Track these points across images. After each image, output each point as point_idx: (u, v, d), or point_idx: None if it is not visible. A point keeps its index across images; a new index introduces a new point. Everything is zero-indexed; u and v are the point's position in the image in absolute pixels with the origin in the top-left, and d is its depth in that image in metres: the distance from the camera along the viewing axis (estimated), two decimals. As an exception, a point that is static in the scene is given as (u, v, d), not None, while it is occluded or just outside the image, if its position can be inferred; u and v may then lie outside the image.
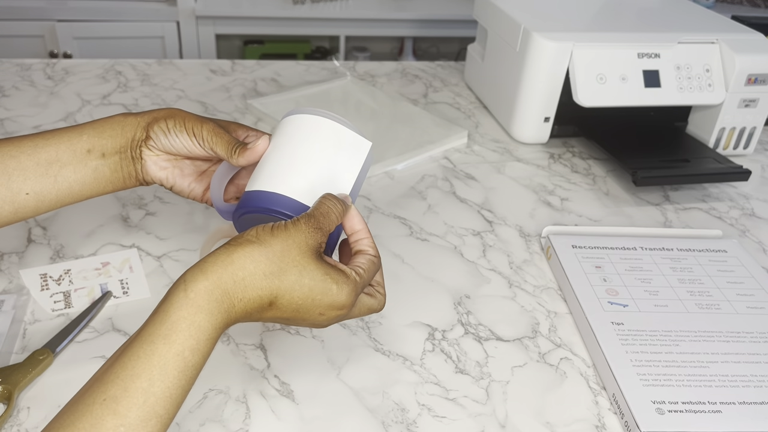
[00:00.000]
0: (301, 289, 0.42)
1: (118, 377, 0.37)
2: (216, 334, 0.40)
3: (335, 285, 0.43)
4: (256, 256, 0.41)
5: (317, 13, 2.08)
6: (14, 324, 0.59)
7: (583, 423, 0.54)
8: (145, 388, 0.36)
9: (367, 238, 0.49)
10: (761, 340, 0.60)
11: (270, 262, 0.41)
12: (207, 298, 0.39)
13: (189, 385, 0.39)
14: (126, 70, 1.13)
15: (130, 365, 0.37)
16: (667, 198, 0.87)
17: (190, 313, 0.38)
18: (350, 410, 0.54)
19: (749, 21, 1.03)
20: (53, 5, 1.95)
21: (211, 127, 0.51)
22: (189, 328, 0.38)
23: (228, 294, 0.40)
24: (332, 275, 0.43)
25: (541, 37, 0.88)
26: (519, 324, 0.64)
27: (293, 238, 0.42)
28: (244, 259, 0.41)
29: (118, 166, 0.51)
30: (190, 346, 0.38)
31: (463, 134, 0.97)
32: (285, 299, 0.42)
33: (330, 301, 0.44)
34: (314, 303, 0.43)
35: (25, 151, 0.49)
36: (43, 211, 0.51)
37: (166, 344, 0.38)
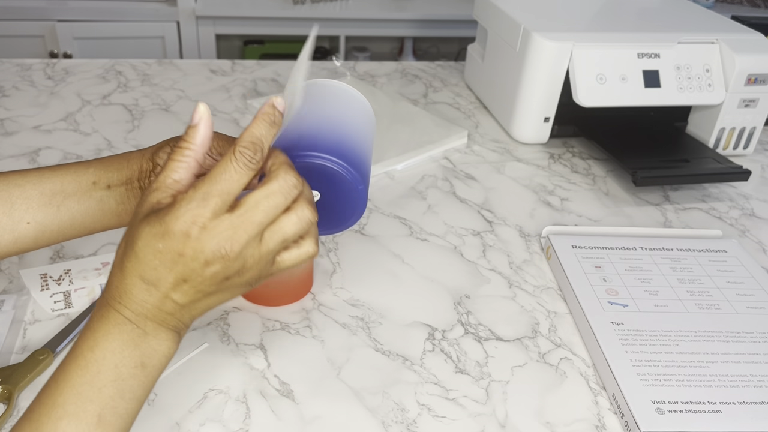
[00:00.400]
0: (144, 252, 0.38)
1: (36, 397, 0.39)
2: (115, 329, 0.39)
3: (157, 222, 0.38)
4: (114, 259, 0.41)
5: (317, 13, 2.08)
6: (14, 324, 0.59)
7: (583, 423, 0.54)
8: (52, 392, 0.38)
9: (219, 140, 0.46)
10: (761, 340, 0.60)
11: (117, 254, 0.40)
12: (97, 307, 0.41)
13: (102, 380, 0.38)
14: (126, 70, 1.13)
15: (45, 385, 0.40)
16: (667, 198, 0.87)
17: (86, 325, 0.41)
18: (350, 410, 0.54)
19: (749, 21, 1.03)
20: (53, 5, 1.95)
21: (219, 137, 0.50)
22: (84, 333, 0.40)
23: (106, 296, 0.40)
24: (151, 215, 0.38)
25: (541, 37, 0.88)
26: (519, 324, 0.64)
27: (130, 221, 0.40)
28: (112, 266, 0.41)
29: (125, 198, 0.51)
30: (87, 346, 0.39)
31: (463, 134, 0.97)
32: (148, 273, 0.38)
33: (172, 240, 0.37)
34: (165, 252, 0.38)
35: (31, 181, 0.49)
36: (44, 243, 0.50)
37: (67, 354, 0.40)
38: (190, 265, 0.38)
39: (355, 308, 0.64)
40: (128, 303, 0.40)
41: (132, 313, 0.40)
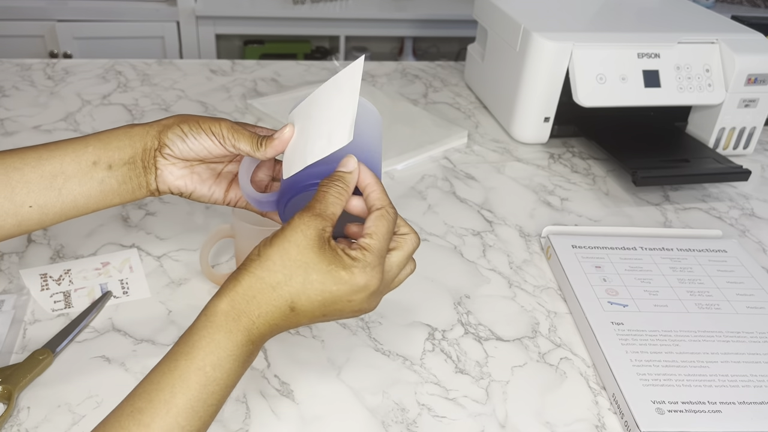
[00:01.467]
0: (312, 285, 0.42)
1: (145, 391, 0.39)
2: (239, 351, 0.41)
3: (344, 271, 0.42)
4: (258, 273, 0.42)
5: (317, 13, 2.08)
6: (14, 324, 0.59)
7: (583, 423, 0.54)
8: (168, 399, 0.38)
9: (375, 191, 0.46)
10: (761, 340, 0.60)
11: (272, 273, 0.42)
12: (224, 318, 0.41)
13: (213, 401, 0.40)
14: (126, 70, 1.13)
15: (155, 380, 0.39)
16: (667, 198, 0.87)
17: (210, 332, 0.40)
18: (350, 410, 0.54)
19: (749, 21, 1.03)
20: (53, 5, 1.95)
21: (230, 124, 0.50)
22: (209, 345, 0.40)
23: (244, 312, 0.41)
24: (337, 263, 0.42)
25: (541, 37, 0.88)
26: (519, 324, 0.64)
27: (289, 239, 0.42)
28: (249, 278, 0.42)
29: (127, 177, 0.50)
30: (211, 362, 0.40)
31: (463, 134, 0.97)
32: (303, 301, 0.42)
33: (348, 288, 0.42)
34: (334, 295, 0.42)
35: (29, 164, 0.48)
36: (48, 224, 0.50)
37: (188, 360, 0.40)
38: (343, 308, 0.43)
39: (355, 308, 0.64)
40: (261, 324, 0.42)
41: (258, 332, 0.42)
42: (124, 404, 0.39)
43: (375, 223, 0.44)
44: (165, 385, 0.39)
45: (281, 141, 0.49)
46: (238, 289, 0.42)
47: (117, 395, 0.53)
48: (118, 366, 0.56)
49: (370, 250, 0.43)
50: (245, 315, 0.41)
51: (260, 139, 0.50)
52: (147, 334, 0.59)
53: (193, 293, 0.64)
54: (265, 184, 0.56)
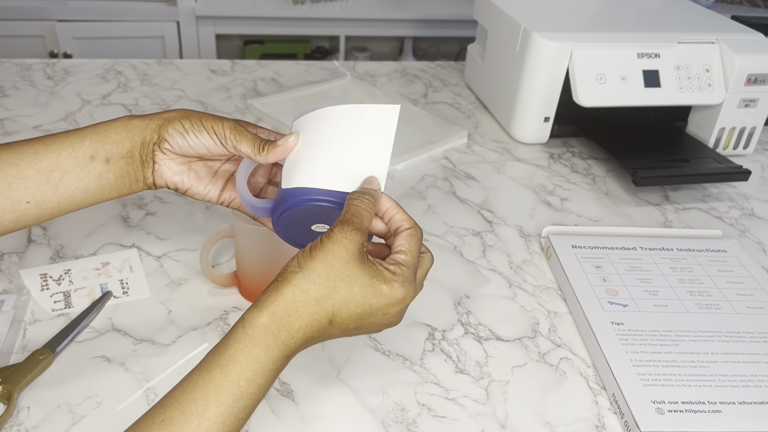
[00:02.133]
0: (354, 299, 0.43)
1: (177, 401, 0.39)
2: (273, 366, 0.41)
3: (385, 285, 0.43)
4: (303, 285, 0.42)
5: (317, 13, 2.08)
6: (14, 324, 0.59)
7: (583, 423, 0.54)
8: (200, 412, 0.38)
9: (399, 212, 0.47)
10: (761, 340, 0.60)
11: (317, 285, 0.42)
12: (264, 333, 0.41)
13: (244, 414, 0.40)
14: (126, 70, 1.13)
15: (188, 390, 0.39)
16: (667, 198, 0.87)
17: (247, 346, 0.40)
18: (350, 410, 0.54)
19: (749, 21, 1.03)
20: (53, 5, 1.95)
21: (232, 125, 0.50)
22: (245, 359, 0.40)
23: (284, 326, 0.41)
24: (379, 277, 0.43)
25: (541, 37, 0.88)
26: (519, 324, 0.64)
27: (332, 252, 0.42)
28: (292, 291, 0.42)
29: (124, 172, 0.50)
30: (245, 376, 0.40)
31: (463, 134, 0.97)
32: (343, 314, 0.43)
33: (387, 302, 0.43)
34: (372, 308, 0.43)
35: (25, 159, 0.48)
36: (45, 219, 0.50)
37: (223, 373, 0.39)
38: (376, 321, 0.44)
39: (355, 308, 0.64)
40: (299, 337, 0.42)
41: (295, 346, 0.42)
42: (155, 412, 0.38)
43: (408, 240, 0.46)
44: (198, 397, 0.38)
45: (284, 149, 0.49)
46: (280, 302, 0.41)
47: (117, 395, 0.53)
48: (118, 366, 0.56)
49: (407, 266, 0.44)
50: (285, 329, 0.41)
51: (262, 144, 0.49)
52: (147, 334, 0.59)
53: (193, 293, 0.64)
54: (261, 187, 0.55)
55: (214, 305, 0.63)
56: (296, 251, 0.45)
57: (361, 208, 0.45)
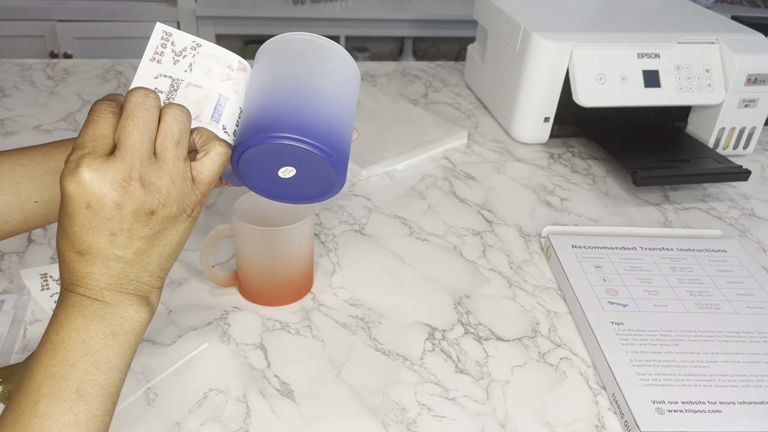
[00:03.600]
0: (65, 223, 0.39)
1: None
2: (75, 308, 0.40)
3: (62, 192, 0.38)
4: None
5: (317, 13, 2.08)
6: (14, 324, 0.59)
7: (583, 423, 0.54)
8: (27, 378, 0.38)
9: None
10: (761, 340, 0.60)
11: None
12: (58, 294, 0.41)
13: (73, 358, 0.38)
14: (126, 70, 1.13)
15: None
16: (666, 198, 0.87)
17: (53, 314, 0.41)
18: (350, 410, 0.54)
19: (749, 21, 1.03)
20: (53, 5, 1.95)
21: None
22: (49, 321, 0.40)
23: (59, 278, 0.41)
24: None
25: (541, 37, 0.88)
26: (519, 324, 0.64)
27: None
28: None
29: None
30: (53, 330, 0.39)
31: (463, 134, 0.97)
32: (61, 240, 0.40)
33: (70, 197, 0.38)
34: (74, 215, 0.38)
35: (35, 160, 0.49)
36: (53, 219, 0.50)
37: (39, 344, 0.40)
38: (103, 215, 0.38)
39: (355, 308, 0.64)
40: (77, 280, 0.40)
41: (84, 288, 0.40)
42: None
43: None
44: (25, 371, 0.39)
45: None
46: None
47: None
48: (118, 366, 0.56)
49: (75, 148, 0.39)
50: (61, 279, 0.41)
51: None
52: (147, 334, 0.59)
53: (193, 293, 0.64)
54: None
55: (214, 305, 0.63)
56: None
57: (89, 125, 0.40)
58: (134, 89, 0.40)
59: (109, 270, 0.40)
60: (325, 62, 0.48)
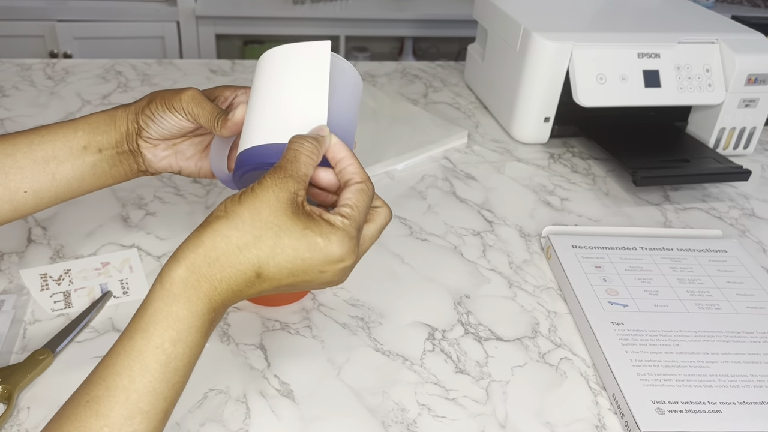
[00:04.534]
0: (284, 251, 0.38)
1: (100, 377, 0.36)
2: (199, 321, 0.37)
3: (320, 238, 0.39)
4: (225, 231, 0.38)
5: (317, 13, 2.08)
6: (14, 324, 0.59)
7: (583, 423, 0.54)
8: (126, 385, 0.35)
9: (351, 164, 0.43)
10: (761, 340, 0.60)
11: (241, 233, 0.38)
12: (182, 287, 0.37)
13: (177, 378, 0.37)
14: (126, 70, 1.13)
15: (110, 363, 0.36)
16: (667, 198, 0.87)
17: (166, 304, 0.37)
18: (350, 410, 0.54)
19: (749, 21, 1.03)
20: (53, 5, 1.95)
21: (190, 97, 0.48)
22: (167, 319, 0.36)
23: (205, 277, 0.38)
24: (314, 228, 0.39)
25: (541, 37, 0.88)
26: (519, 324, 0.64)
27: (260, 199, 0.38)
28: (213, 237, 0.38)
29: (117, 161, 0.51)
30: (170, 337, 0.36)
31: (463, 134, 0.97)
32: (271, 267, 0.38)
33: (322, 257, 0.39)
34: (305, 264, 0.39)
35: (21, 149, 0.48)
36: (43, 207, 0.50)
37: (144, 338, 0.36)
38: (312, 279, 0.40)
39: (355, 308, 0.64)
40: (223, 289, 0.38)
41: (220, 299, 0.38)
42: (80, 393, 0.36)
43: (356, 195, 0.42)
44: (121, 369, 0.35)
45: (234, 123, 0.47)
46: (199, 250, 0.37)
47: (117, 395, 0.53)
48: (118, 366, 0.56)
49: (350, 220, 0.40)
50: (206, 280, 0.37)
51: (218, 117, 0.48)
52: (147, 334, 0.59)
53: (193, 293, 0.64)
54: None
55: (214, 305, 0.63)
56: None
57: (300, 153, 0.41)
58: (389, 214, 0.46)
59: (249, 295, 0.40)
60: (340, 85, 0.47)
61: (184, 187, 0.81)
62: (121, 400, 0.35)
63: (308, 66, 0.45)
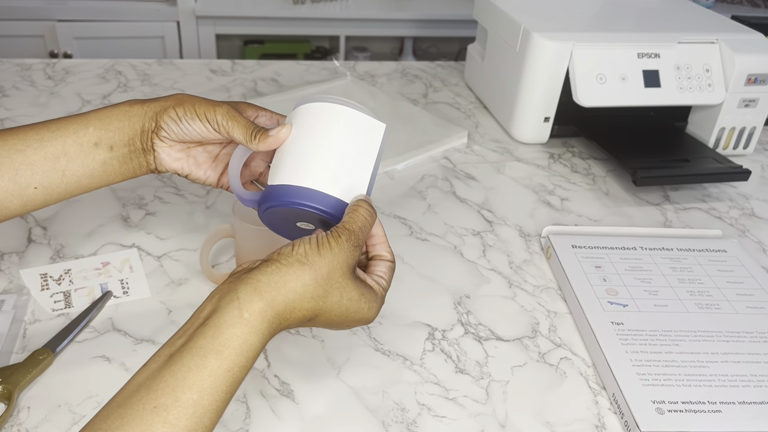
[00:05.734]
0: (339, 308, 0.44)
1: (168, 386, 0.37)
2: (262, 350, 0.41)
3: (367, 304, 0.45)
4: (306, 280, 0.42)
5: (317, 13, 2.08)
6: (14, 324, 0.59)
7: (583, 423, 0.54)
8: (196, 400, 0.37)
9: (383, 242, 0.49)
10: (761, 340, 0.60)
11: (317, 285, 0.42)
12: (261, 319, 0.40)
13: (231, 398, 0.40)
14: (126, 70, 1.13)
15: (181, 376, 0.38)
16: (667, 198, 0.87)
17: (244, 333, 0.39)
18: (350, 410, 0.54)
19: (749, 21, 1.03)
20: (53, 5, 1.95)
21: (225, 111, 0.49)
22: (241, 347, 0.39)
23: (279, 315, 0.41)
24: (366, 295, 0.45)
25: (541, 37, 0.88)
26: (519, 324, 0.64)
27: (338, 259, 0.43)
28: (295, 281, 0.42)
29: (128, 158, 0.50)
30: (240, 364, 0.39)
31: (463, 134, 0.97)
32: (324, 316, 0.44)
33: (360, 317, 0.45)
34: (347, 319, 0.45)
35: (31, 145, 0.48)
36: (52, 202, 0.50)
37: (218, 360, 0.38)
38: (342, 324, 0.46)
39: (355, 308, 0.64)
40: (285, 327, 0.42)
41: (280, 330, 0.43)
42: (145, 398, 0.37)
43: (388, 273, 0.49)
44: (193, 384, 0.37)
45: (276, 140, 0.49)
46: (281, 291, 0.41)
47: (117, 395, 0.53)
48: (118, 366, 0.56)
49: (384, 290, 0.48)
50: (280, 318, 0.41)
51: (254, 132, 0.49)
52: (147, 334, 0.59)
53: (193, 293, 0.64)
54: (260, 172, 0.55)
55: (214, 305, 0.63)
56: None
57: (367, 221, 0.46)
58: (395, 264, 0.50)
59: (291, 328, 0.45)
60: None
61: (184, 187, 0.81)
62: (190, 413, 0.37)
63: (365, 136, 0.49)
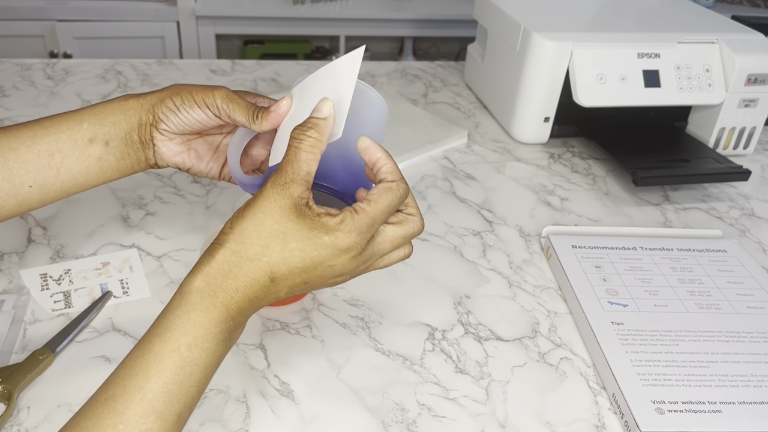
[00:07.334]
0: (291, 254, 0.40)
1: (118, 376, 0.38)
2: (216, 329, 0.39)
3: (326, 236, 0.40)
4: (233, 247, 0.40)
5: (317, 13, 2.08)
6: (14, 324, 0.59)
7: (583, 423, 0.54)
8: (142, 385, 0.37)
9: (386, 164, 0.44)
10: (761, 340, 0.60)
11: (248, 245, 0.40)
12: (199, 296, 0.39)
13: (192, 382, 0.38)
14: (126, 70, 1.13)
15: (129, 364, 0.38)
16: (667, 198, 0.87)
17: (184, 311, 0.39)
18: (350, 410, 0.54)
19: (749, 21, 1.03)
20: (53, 5, 1.95)
21: (224, 93, 0.49)
22: (183, 325, 0.39)
23: (221, 288, 0.40)
24: (319, 228, 0.40)
25: (541, 37, 0.88)
26: (519, 324, 0.64)
27: (262, 210, 0.40)
28: (224, 252, 0.40)
29: (125, 153, 0.49)
30: (186, 342, 0.38)
31: (463, 134, 0.97)
32: (282, 270, 0.40)
33: (330, 252, 0.40)
34: (314, 261, 0.41)
35: (24, 142, 0.47)
36: (49, 201, 0.49)
37: (161, 342, 0.38)
38: (323, 273, 0.41)
39: (355, 308, 0.64)
40: (239, 298, 0.40)
41: (237, 307, 0.40)
42: (99, 392, 0.38)
43: (379, 192, 0.42)
44: (138, 370, 0.37)
45: (278, 114, 0.47)
46: (213, 264, 0.40)
47: (117, 395, 0.53)
48: (118, 366, 0.56)
49: (361, 213, 0.41)
50: (222, 290, 0.40)
51: (257, 111, 0.48)
52: (147, 334, 0.59)
53: (193, 293, 0.64)
54: (262, 160, 0.54)
55: (214, 305, 0.63)
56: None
57: (299, 150, 0.41)
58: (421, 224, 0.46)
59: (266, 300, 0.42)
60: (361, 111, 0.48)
61: (184, 187, 0.81)
62: (137, 399, 0.37)
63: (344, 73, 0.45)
